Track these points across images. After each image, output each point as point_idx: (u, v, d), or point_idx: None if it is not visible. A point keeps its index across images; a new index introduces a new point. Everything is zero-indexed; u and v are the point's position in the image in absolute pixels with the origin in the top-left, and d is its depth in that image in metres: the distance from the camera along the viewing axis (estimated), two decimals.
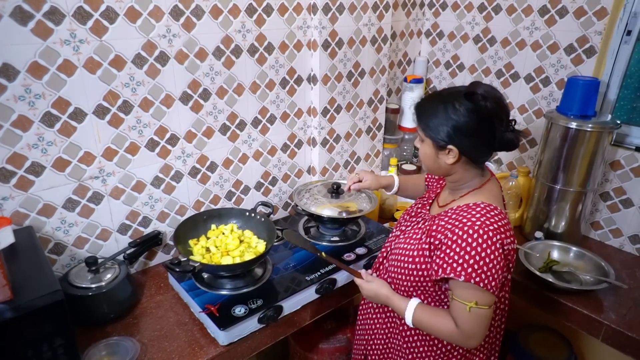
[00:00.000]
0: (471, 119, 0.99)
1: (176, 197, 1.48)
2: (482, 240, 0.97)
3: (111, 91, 1.24)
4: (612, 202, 1.69)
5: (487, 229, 0.98)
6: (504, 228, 1.01)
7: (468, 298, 0.99)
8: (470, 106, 0.99)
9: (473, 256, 0.97)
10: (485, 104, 0.99)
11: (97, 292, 1.18)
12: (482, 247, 0.97)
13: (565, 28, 1.68)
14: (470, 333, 1.01)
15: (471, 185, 1.09)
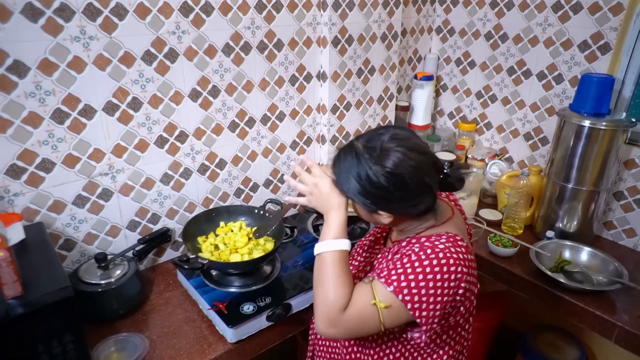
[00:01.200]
0: (391, 186, 0.88)
1: (185, 194, 1.49)
2: (437, 263, 0.86)
3: (120, 88, 1.24)
4: (625, 201, 1.66)
5: (449, 254, 0.87)
6: (468, 263, 0.89)
7: (384, 296, 0.86)
8: (386, 175, 0.87)
9: (417, 274, 0.85)
10: (407, 175, 0.87)
11: (107, 288, 1.18)
12: (433, 271, 0.85)
13: (579, 24, 1.65)
14: (347, 323, 0.87)
15: (428, 225, 0.98)
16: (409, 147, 0.90)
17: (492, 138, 2.09)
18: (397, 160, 0.87)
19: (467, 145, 2.10)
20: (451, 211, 1.03)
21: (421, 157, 0.90)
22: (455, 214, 1.03)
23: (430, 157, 0.93)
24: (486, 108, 2.06)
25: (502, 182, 1.79)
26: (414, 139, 0.93)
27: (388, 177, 0.87)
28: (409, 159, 0.88)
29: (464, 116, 2.17)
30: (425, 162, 0.91)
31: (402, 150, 0.88)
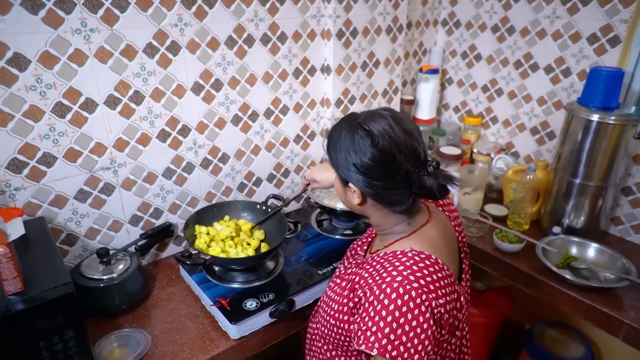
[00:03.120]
0: (369, 157, 0.85)
1: (188, 188, 1.47)
2: (401, 303, 0.78)
3: (122, 81, 1.22)
4: (634, 197, 1.63)
5: (409, 286, 0.79)
6: (434, 285, 0.82)
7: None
8: (370, 143, 0.85)
9: (389, 323, 0.77)
10: (382, 142, 0.85)
11: (109, 283, 1.17)
12: (401, 312, 0.78)
13: (588, 16, 1.62)
14: None
15: (399, 232, 0.94)
16: (397, 121, 0.87)
17: (498, 132, 2.06)
18: (379, 126, 0.85)
19: (472, 139, 2.07)
20: (428, 215, 0.97)
21: (404, 137, 0.85)
22: (432, 218, 0.96)
23: (414, 141, 0.86)
24: (492, 102, 2.04)
25: (508, 177, 1.77)
26: (408, 122, 0.89)
27: (364, 138, 0.85)
28: (390, 128, 0.85)
29: (469, 110, 2.15)
30: (406, 143, 0.85)
31: (389, 121, 0.86)
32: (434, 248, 0.90)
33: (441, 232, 0.96)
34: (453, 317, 0.87)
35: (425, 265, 0.84)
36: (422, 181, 0.86)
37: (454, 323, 0.88)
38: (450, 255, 0.96)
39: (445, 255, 0.92)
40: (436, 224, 0.97)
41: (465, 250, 1.07)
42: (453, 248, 0.99)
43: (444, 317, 0.83)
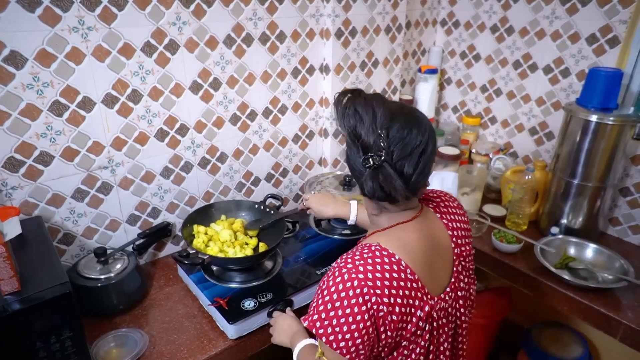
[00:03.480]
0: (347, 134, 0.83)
1: (186, 188, 1.47)
2: (342, 288, 0.79)
3: (120, 80, 1.22)
4: (632, 197, 1.63)
5: (353, 276, 0.80)
6: (382, 282, 0.80)
7: (321, 347, 0.85)
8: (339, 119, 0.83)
9: (326, 305, 0.80)
10: (339, 106, 0.83)
11: (106, 283, 1.17)
12: (339, 297, 0.79)
13: (587, 17, 1.62)
14: None
15: (377, 225, 0.92)
16: (382, 99, 0.84)
17: (496, 132, 2.06)
18: (357, 97, 0.83)
19: (471, 139, 2.07)
20: (413, 214, 0.91)
21: (375, 109, 0.81)
22: (415, 219, 0.90)
23: (361, 127, 0.81)
24: (491, 102, 2.04)
25: (506, 177, 1.77)
26: (404, 109, 0.85)
27: (337, 105, 0.84)
28: (371, 99, 0.82)
29: (468, 110, 2.15)
30: (354, 126, 0.82)
31: (380, 96, 0.84)
32: (404, 249, 0.86)
33: (422, 235, 0.90)
34: (404, 322, 0.83)
35: (383, 262, 0.82)
36: (365, 178, 0.82)
37: (409, 329, 0.85)
38: (428, 262, 0.89)
39: (417, 260, 0.87)
40: (419, 226, 0.91)
41: (466, 266, 0.99)
42: (438, 256, 0.93)
43: (388, 318, 0.81)
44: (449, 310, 0.94)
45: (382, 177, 0.80)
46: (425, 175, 0.85)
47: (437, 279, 0.92)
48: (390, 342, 0.84)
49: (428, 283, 0.88)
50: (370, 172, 0.80)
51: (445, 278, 0.94)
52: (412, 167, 0.81)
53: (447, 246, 0.96)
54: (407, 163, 0.81)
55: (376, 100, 0.83)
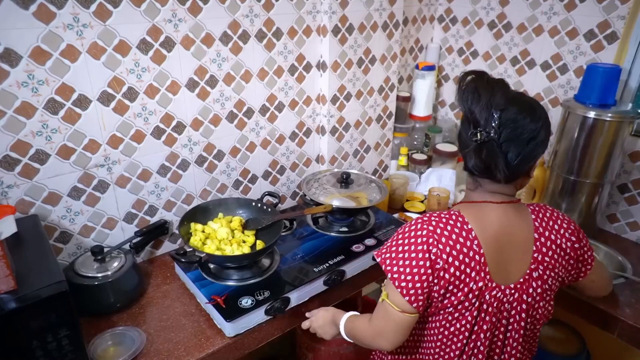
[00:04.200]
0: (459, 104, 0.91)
1: (183, 186, 1.46)
2: (413, 235, 0.92)
3: (116, 77, 1.21)
4: (630, 194, 1.63)
5: (425, 226, 0.91)
6: (448, 241, 0.89)
7: (385, 289, 0.95)
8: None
9: (397, 244, 0.93)
10: (461, 83, 0.90)
11: (103, 281, 1.16)
12: (404, 236, 0.93)
13: (585, 13, 1.62)
14: (377, 329, 0.96)
15: (468, 198, 0.99)
16: (504, 84, 0.89)
17: None
18: (480, 75, 0.90)
19: None
20: (503, 199, 0.94)
21: (495, 90, 0.87)
22: (507, 204, 0.94)
23: (475, 106, 0.87)
24: None
25: None
26: (523, 97, 0.91)
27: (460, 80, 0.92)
28: (493, 82, 0.89)
29: None
30: (470, 105, 0.88)
31: (502, 81, 0.89)
32: (480, 224, 0.92)
33: (503, 222, 0.93)
34: (455, 285, 0.91)
35: (454, 225, 0.91)
36: (467, 154, 0.90)
37: (458, 296, 0.91)
38: (499, 249, 0.93)
39: (488, 240, 0.92)
40: (504, 212, 0.94)
41: (545, 279, 0.97)
42: (512, 249, 0.95)
43: (441, 273, 0.89)
44: (505, 305, 0.95)
45: (485, 153, 0.87)
46: (528, 161, 0.89)
47: (502, 269, 0.94)
48: (438, 297, 0.92)
49: (492, 266, 0.92)
50: (476, 146, 0.88)
51: (513, 273, 0.95)
52: (517, 151, 0.86)
53: (525, 246, 0.96)
54: (513, 146, 0.86)
55: (498, 84, 0.89)
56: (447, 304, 0.93)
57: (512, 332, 0.98)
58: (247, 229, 1.37)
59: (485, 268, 0.91)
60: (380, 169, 1.99)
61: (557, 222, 0.99)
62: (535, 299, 0.97)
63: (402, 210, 1.78)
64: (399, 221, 1.57)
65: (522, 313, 0.96)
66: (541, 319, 1.00)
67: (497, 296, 0.93)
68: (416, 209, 1.78)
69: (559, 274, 0.99)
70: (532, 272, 0.95)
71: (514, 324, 0.97)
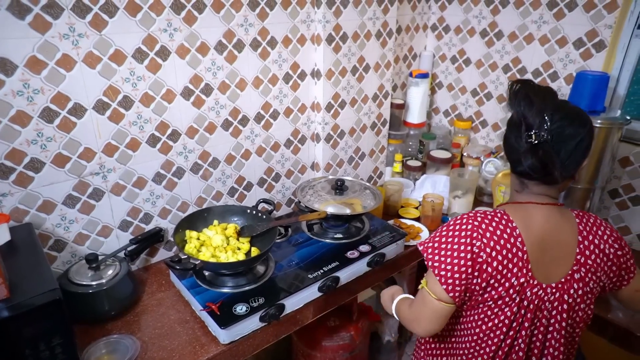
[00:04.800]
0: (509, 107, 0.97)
1: (178, 193, 1.47)
2: (457, 228, 0.98)
3: (111, 86, 1.22)
4: (620, 199, 1.66)
5: (470, 221, 0.97)
6: (492, 237, 0.94)
7: (426, 277, 1.02)
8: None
9: (441, 235, 1.00)
10: (513, 90, 0.95)
11: (98, 289, 1.16)
12: (448, 228, 0.99)
13: (574, 21, 1.65)
14: (414, 314, 1.03)
15: (512, 199, 1.04)
16: (552, 91, 0.96)
17: (487, 136, 2.08)
18: (531, 84, 0.96)
19: (462, 143, 2.09)
20: (548, 201, 0.98)
21: (534, 98, 0.92)
22: (552, 206, 0.98)
23: (527, 110, 0.92)
24: (481, 106, 2.06)
25: (497, 180, 1.78)
26: (569, 104, 0.97)
27: (510, 87, 0.98)
28: (543, 88, 0.95)
29: (459, 114, 2.17)
30: (520, 110, 0.93)
31: (550, 89, 0.96)
32: (524, 223, 0.97)
33: (547, 222, 0.97)
34: (497, 280, 0.95)
35: (499, 222, 0.96)
36: (524, 156, 0.93)
37: (499, 290, 0.96)
38: (542, 248, 0.97)
39: (532, 239, 0.96)
40: (548, 213, 0.97)
41: (587, 282, 0.99)
42: (554, 250, 0.98)
43: (483, 266, 0.94)
44: (546, 304, 0.98)
45: (541, 153, 0.91)
46: (578, 163, 0.95)
47: (544, 268, 0.97)
48: (479, 291, 0.97)
49: (534, 264, 0.96)
50: (531, 148, 0.92)
51: (555, 273, 0.98)
52: (569, 152, 0.92)
53: (568, 248, 0.99)
54: (564, 147, 0.92)
55: (547, 91, 0.96)
56: (487, 298, 0.98)
57: (554, 333, 1.00)
58: (242, 236, 1.37)
59: (527, 265, 0.95)
60: (375, 176, 2.00)
61: (601, 229, 1.01)
62: (575, 300, 0.99)
63: (397, 216, 1.79)
64: (394, 227, 1.58)
65: (562, 313, 0.99)
66: (581, 321, 1.02)
67: (537, 294, 0.96)
68: (411, 215, 1.79)
69: (601, 277, 1.00)
70: (574, 273, 0.98)
71: (554, 324, 1.00)
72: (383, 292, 1.26)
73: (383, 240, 1.49)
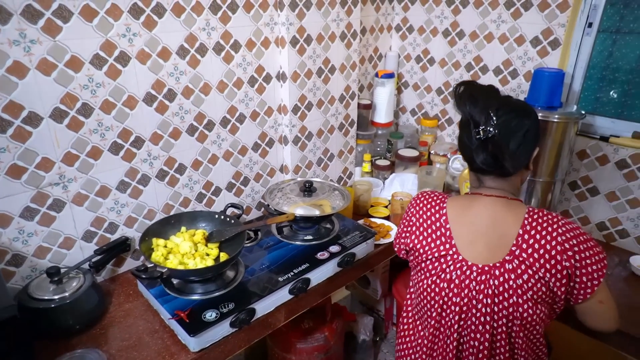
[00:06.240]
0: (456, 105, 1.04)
1: (144, 201, 1.44)
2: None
3: (69, 93, 1.19)
4: (579, 190, 1.72)
5: (415, 196, 1.19)
6: (420, 210, 1.13)
7: None
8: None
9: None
10: (458, 92, 1.03)
11: (60, 303, 1.13)
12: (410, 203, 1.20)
13: (530, 20, 1.70)
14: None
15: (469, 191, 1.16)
16: (494, 89, 1.04)
17: (453, 133, 2.12)
18: (471, 83, 1.05)
19: (429, 141, 2.13)
20: (499, 194, 1.06)
21: (489, 94, 1.02)
22: (498, 198, 1.05)
23: (472, 108, 0.98)
24: (447, 104, 2.10)
25: (464, 176, 1.82)
26: (512, 98, 1.06)
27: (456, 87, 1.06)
28: (485, 87, 1.04)
29: (425, 112, 2.21)
30: (467, 108, 1.00)
31: (492, 86, 1.05)
32: (458, 208, 1.08)
33: (485, 212, 1.05)
34: (421, 245, 1.10)
35: (432, 201, 1.13)
36: (476, 151, 1.00)
37: (421, 253, 1.10)
38: (475, 233, 1.05)
39: (460, 223, 1.06)
40: (490, 204, 1.05)
41: (520, 273, 0.99)
42: (488, 236, 1.04)
43: (412, 228, 1.14)
44: (473, 284, 1.02)
45: (491, 147, 0.96)
46: (528, 152, 1.02)
47: (473, 250, 1.04)
48: (410, 250, 1.15)
49: (462, 244, 1.05)
50: (481, 144, 0.98)
51: (485, 257, 1.03)
52: (517, 143, 0.98)
53: (504, 237, 1.02)
54: (513, 139, 0.98)
55: (490, 89, 1.03)
56: (415, 260, 1.13)
57: (480, 318, 1.03)
58: (210, 242, 1.36)
59: (450, 241, 1.06)
60: (344, 176, 2.01)
61: (553, 227, 0.99)
62: (505, 287, 0.99)
63: (367, 216, 1.81)
64: (364, 227, 1.59)
65: (487, 298, 1.01)
66: (520, 319, 1.00)
67: (462, 269, 1.03)
68: (380, 214, 1.81)
69: (544, 277, 0.98)
70: (505, 262, 1.01)
71: (481, 309, 1.02)
72: None
73: (353, 240, 1.50)
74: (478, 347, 1.05)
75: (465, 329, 1.06)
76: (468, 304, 1.04)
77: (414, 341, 1.18)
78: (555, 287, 0.99)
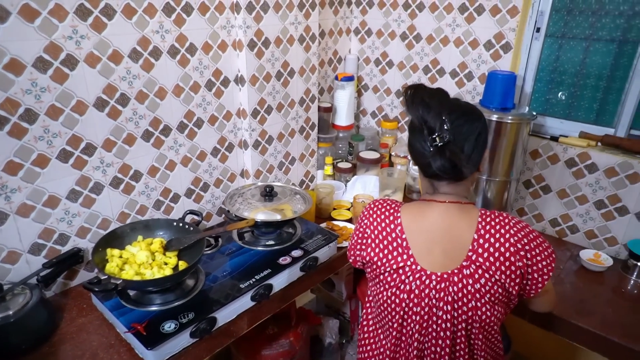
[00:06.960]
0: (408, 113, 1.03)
1: (97, 210, 1.38)
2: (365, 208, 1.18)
3: (9, 99, 1.12)
4: (533, 189, 1.78)
5: (368, 206, 1.16)
6: (374, 220, 1.11)
7: None
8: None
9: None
10: (408, 96, 1.02)
11: (3, 322, 1.06)
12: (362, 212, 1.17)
13: (483, 25, 1.75)
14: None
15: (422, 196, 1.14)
16: (444, 93, 1.04)
17: None
18: (425, 88, 1.03)
19: (390, 143, 2.15)
20: (452, 199, 1.06)
21: (440, 99, 1.00)
22: (452, 203, 1.05)
23: (426, 114, 0.97)
24: None
25: None
26: (461, 102, 1.06)
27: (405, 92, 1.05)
28: (435, 91, 1.03)
29: (385, 115, 2.23)
30: (420, 114, 0.99)
31: (442, 90, 1.05)
32: (411, 215, 1.08)
33: (439, 219, 1.05)
34: (378, 257, 1.09)
35: (386, 211, 1.11)
36: (432, 158, 0.99)
37: (379, 265, 1.09)
38: (431, 241, 1.05)
39: (416, 232, 1.06)
40: (445, 210, 1.05)
41: (477, 278, 1.00)
42: (443, 243, 1.04)
43: (368, 240, 1.12)
44: (432, 292, 1.02)
45: (448, 153, 0.96)
46: (481, 154, 1.03)
47: (431, 258, 1.04)
48: (367, 263, 1.13)
49: (419, 253, 1.04)
50: (437, 150, 0.97)
51: (443, 265, 1.03)
52: (471, 147, 0.99)
53: (460, 243, 1.03)
54: (466, 143, 0.99)
55: (440, 92, 1.03)
56: (372, 272, 1.11)
57: (441, 325, 1.03)
58: (168, 250, 1.32)
59: (407, 252, 1.05)
60: (307, 180, 2.01)
61: (505, 228, 1.01)
62: (464, 293, 1.00)
63: (330, 219, 1.81)
64: (326, 230, 1.59)
65: (447, 305, 1.02)
66: (479, 321, 1.02)
67: (422, 279, 1.03)
68: (343, 217, 1.81)
69: (500, 279, 0.99)
70: (463, 268, 1.01)
71: (442, 316, 1.03)
72: None
73: (315, 244, 1.50)
74: (439, 353, 1.06)
75: (426, 335, 1.06)
76: (429, 312, 1.04)
77: (375, 349, 1.18)
78: (510, 286, 1.01)
